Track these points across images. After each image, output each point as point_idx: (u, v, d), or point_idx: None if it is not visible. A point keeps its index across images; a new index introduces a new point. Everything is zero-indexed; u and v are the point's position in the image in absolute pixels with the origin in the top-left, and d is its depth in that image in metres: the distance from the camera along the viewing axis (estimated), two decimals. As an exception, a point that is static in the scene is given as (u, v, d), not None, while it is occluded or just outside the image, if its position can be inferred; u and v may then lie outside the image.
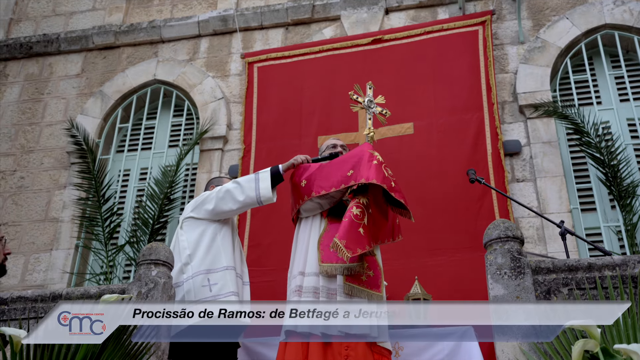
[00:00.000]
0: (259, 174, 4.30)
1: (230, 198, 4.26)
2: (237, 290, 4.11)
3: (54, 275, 6.82)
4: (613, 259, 3.27)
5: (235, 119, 7.35)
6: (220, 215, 4.33)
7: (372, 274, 3.85)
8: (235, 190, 4.26)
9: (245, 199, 4.23)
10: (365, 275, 3.84)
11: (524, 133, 6.55)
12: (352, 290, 3.78)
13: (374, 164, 3.99)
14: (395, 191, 3.93)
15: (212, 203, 4.30)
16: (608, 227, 6.08)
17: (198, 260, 4.17)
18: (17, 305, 3.75)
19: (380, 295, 3.81)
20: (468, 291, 5.58)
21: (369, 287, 3.80)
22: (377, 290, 3.81)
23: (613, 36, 6.84)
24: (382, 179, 3.91)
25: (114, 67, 8.07)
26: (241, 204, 4.28)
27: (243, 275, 4.34)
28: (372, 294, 3.78)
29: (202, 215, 4.33)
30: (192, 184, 7.19)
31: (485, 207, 6.01)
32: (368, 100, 4.63)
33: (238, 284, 4.20)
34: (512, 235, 3.38)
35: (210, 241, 4.25)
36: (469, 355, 4.06)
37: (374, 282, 3.82)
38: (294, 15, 7.77)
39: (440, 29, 7.05)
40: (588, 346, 2.50)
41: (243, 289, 4.28)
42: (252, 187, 4.23)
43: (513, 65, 6.90)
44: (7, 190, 7.52)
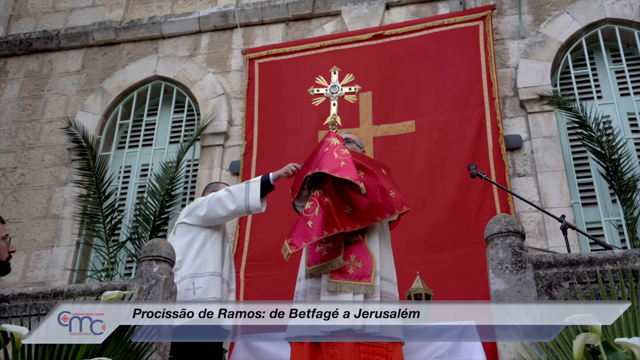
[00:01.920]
0: (249, 183, 4.35)
1: (221, 206, 4.34)
2: (220, 296, 4.17)
3: (55, 272, 6.83)
4: (614, 253, 3.27)
5: (236, 115, 7.35)
6: (211, 222, 4.42)
7: (360, 265, 3.77)
8: (226, 199, 4.34)
9: (236, 208, 4.32)
10: (353, 267, 3.77)
11: (525, 128, 6.54)
12: (337, 286, 3.73)
13: (325, 152, 3.91)
14: (340, 170, 3.79)
15: (204, 209, 4.40)
16: (609, 221, 6.08)
17: (186, 265, 4.28)
18: (18, 302, 3.75)
19: (368, 285, 3.68)
20: (469, 286, 5.59)
21: (356, 279, 3.71)
22: (366, 280, 3.70)
23: (613, 30, 6.83)
24: (328, 163, 3.82)
25: (114, 64, 8.07)
26: (231, 213, 4.37)
27: (230, 282, 4.41)
28: (359, 286, 3.69)
29: (194, 221, 4.43)
30: (193, 180, 7.19)
31: (487, 202, 6.01)
32: (331, 86, 4.57)
33: (223, 290, 4.27)
34: (513, 229, 3.38)
35: (200, 247, 4.35)
36: (470, 351, 4.05)
37: (362, 273, 3.73)
38: (295, 11, 7.76)
39: (440, 24, 7.04)
40: (589, 340, 2.50)
41: (229, 295, 4.34)
42: (242, 196, 4.30)
43: (514, 60, 6.89)
44: (7, 187, 7.52)
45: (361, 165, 3.91)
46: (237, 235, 6.46)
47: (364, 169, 3.90)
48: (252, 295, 6.13)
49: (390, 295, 3.81)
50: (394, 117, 6.72)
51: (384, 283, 3.79)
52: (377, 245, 3.86)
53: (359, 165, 3.90)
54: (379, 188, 3.88)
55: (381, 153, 6.55)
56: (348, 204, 3.86)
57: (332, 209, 3.82)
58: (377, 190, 3.86)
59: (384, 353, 3.64)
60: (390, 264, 3.96)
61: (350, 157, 3.86)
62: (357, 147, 4.32)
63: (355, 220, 3.83)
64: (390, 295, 3.80)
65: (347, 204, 3.87)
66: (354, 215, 3.84)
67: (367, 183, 3.83)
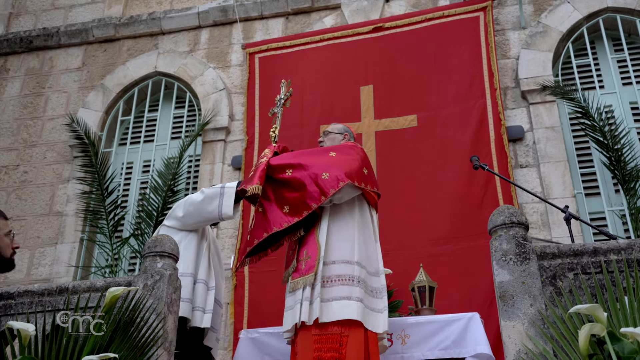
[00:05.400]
0: (224, 188, 4.36)
1: (195, 210, 4.36)
2: (189, 296, 4.16)
3: (60, 269, 6.84)
4: (618, 242, 3.26)
5: (237, 110, 7.35)
6: (187, 226, 4.42)
7: (309, 259, 3.87)
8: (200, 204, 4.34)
9: (209, 214, 4.33)
10: (305, 262, 3.89)
11: (527, 119, 6.53)
12: (294, 285, 3.88)
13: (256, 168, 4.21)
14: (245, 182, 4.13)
15: (181, 211, 4.41)
16: (612, 211, 6.08)
17: None
18: (24, 299, 3.75)
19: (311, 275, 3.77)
20: (473, 278, 5.60)
21: (306, 273, 3.83)
22: (312, 271, 3.79)
23: (615, 19, 6.81)
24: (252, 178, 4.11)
25: (114, 60, 8.06)
26: (204, 219, 4.38)
27: (209, 281, 4.37)
28: (307, 278, 3.80)
29: (172, 223, 4.45)
30: (195, 176, 7.20)
31: (489, 193, 6.01)
32: (278, 99, 4.76)
33: (197, 290, 4.25)
34: (516, 221, 3.37)
35: None
36: (475, 342, 4.05)
37: (310, 265, 3.83)
38: (294, 5, 7.74)
39: (441, 15, 7.02)
40: (594, 330, 2.51)
41: (207, 293, 4.31)
42: (216, 203, 4.30)
43: (515, 51, 6.87)
44: (10, 184, 7.53)
45: (290, 163, 4.11)
46: (241, 231, 6.46)
47: (292, 166, 4.09)
48: (256, 291, 6.15)
49: (344, 277, 3.80)
50: (395, 111, 6.71)
51: (334, 267, 3.84)
52: (324, 232, 3.94)
53: (287, 164, 4.11)
54: (309, 177, 3.99)
55: (384, 147, 6.55)
56: (285, 204, 4.02)
57: (268, 214, 4.04)
58: (308, 179, 3.98)
59: (337, 339, 3.66)
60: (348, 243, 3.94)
61: (263, 163, 4.13)
62: (337, 135, 4.45)
63: (293, 215, 3.96)
64: (342, 277, 3.80)
65: (284, 204, 4.02)
66: (291, 211, 3.97)
67: (297, 175, 4.02)
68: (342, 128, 4.53)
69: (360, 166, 4.07)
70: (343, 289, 3.74)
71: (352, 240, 3.93)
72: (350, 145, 4.29)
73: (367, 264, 3.92)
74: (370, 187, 4.09)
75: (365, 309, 3.75)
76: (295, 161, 4.12)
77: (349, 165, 4.02)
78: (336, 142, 4.40)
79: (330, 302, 3.72)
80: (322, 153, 4.21)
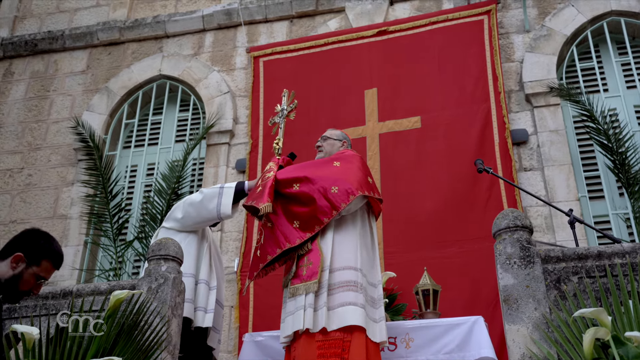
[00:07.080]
0: (223, 189, 4.38)
1: (194, 210, 4.37)
2: (191, 296, 4.17)
3: (64, 272, 6.84)
4: (622, 246, 3.25)
5: (242, 113, 7.36)
6: (187, 227, 4.42)
7: (311, 265, 3.86)
8: (199, 204, 4.35)
9: (208, 214, 4.34)
10: (306, 268, 3.88)
11: (531, 122, 6.53)
12: (294, 290, 3.87)
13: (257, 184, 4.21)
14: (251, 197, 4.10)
15: (180, 212, 4.41)
16: (616, 215, 6.06)
17: None
18: (28, 303, 3.76)
19: (316, 282, 3.77)
20: (478, 281, 5.59)
21: (307, 279, 3.82)
22: (314, 278, 3.79)
23: (619, 23, 6.80)
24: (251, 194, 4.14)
25: (119, 63, 8.08)
26: (203, 219, 4.38)
27: (210, 281, 4.38)
28: (309, 285, 3.78)
29: (172, 225, 4.45)
30: (199, 179, 7.20)
31: (494, 196, 6.00)
32: (280, 110, 4.74)
33: (199, 291, 4.26)
34: (521, 224, 3.37)
35: None
36: (479, 346, 4.04)
37: (312, 272, 3.83)
38: (299, 8, 7.75)
39: (445, 19, 7.02)
40: (599, 334, 2.50)
41: (209, 293, 4.32)
42: (215, 202, 4.32)
43: (519, 54, 6.87)
44: (15, 187, 7.55)
45: (296, 177, 4.09)
46: (245, 234, 6.47)
47: (298, 180, 4.07)
48: (261, 293, 6.15)
49: (349, 283, 3.81)
50: (399, 113, 6.71)
51: (338, 274, 3.84)
52: (329, 240, 3.94)
53: (294, 178, 4.08)
54: (317, 191, 3.98)
55: (387, 150, 6.54)
56: (294, 219, 4.02)
57: (277, 229, 4.03)
58: (317, 193, 3.98)
59: (340, 345, 3.65)
60: (351, 251, 3.95)
61: (271, 178, 4.08)
62: (336, 142, 4.45)
63: (304, 230, 3.97)
64: (348, 284, 3.81)
65: (293, 219, 4.02)
66: (302, 226, 3.98)
67: (305, 190, 4.01)
68: (341, 135, 4.54)
69: (365, 175, 4.11)
70: (349, 295, 3.75)
71: (354, 248, 3.95)
72: (352, 154, 4.30)
73: (367, 273, 3.94)
74: (376, 194, 4.11)
75: (367, 317, 3.76)
76: (302, 174, 4.10)
77: (356, 176, 4.04)
78: (335, 148, 4.41)
79: (336, 309, 3.73)
80: (326, 164, 4.21)
